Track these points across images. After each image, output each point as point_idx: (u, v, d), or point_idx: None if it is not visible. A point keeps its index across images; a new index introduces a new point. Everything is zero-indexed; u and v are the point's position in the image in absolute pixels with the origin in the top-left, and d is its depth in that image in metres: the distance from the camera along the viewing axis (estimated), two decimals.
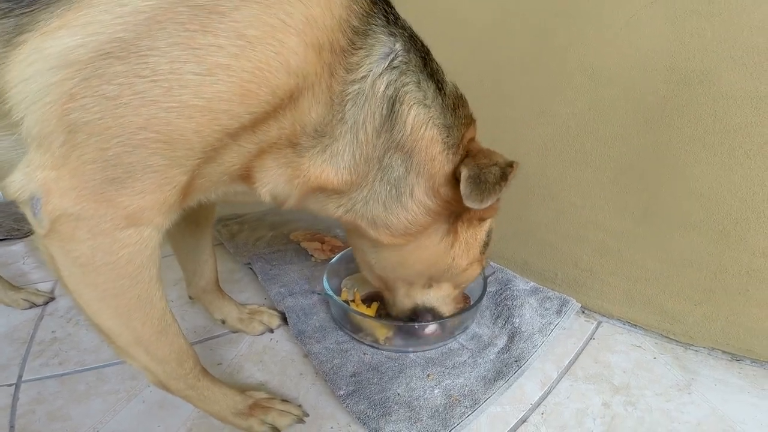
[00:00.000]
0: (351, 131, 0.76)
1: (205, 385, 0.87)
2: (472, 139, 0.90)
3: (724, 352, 1.12)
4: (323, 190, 0.82)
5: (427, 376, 1.03)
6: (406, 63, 0.76)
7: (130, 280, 0.68)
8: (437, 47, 0.85)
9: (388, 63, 0.75)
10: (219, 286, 1.20)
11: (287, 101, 0.67)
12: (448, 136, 0.83)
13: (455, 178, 0.84)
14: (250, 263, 1.47)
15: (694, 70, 0.99)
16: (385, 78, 0.75)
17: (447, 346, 1.13)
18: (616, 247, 1.21)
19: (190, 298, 1.23)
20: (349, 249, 1.38)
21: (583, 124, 1.18)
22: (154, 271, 0.70)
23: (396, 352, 1.11)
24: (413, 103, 0.78)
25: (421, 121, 0.80)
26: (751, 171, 0.98)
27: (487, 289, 1.22)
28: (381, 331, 1.10)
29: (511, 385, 1.02)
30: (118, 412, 0.96)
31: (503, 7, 1.24)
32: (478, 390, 1.00)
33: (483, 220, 0.98)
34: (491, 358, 1.09)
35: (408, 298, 1.08)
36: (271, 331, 1.21)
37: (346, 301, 1.21)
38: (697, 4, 0.95)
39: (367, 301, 1.23)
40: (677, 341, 1.17)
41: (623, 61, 1.07)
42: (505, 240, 1.47)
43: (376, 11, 0.73)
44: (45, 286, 1.36)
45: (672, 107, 1.03)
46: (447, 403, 0.97)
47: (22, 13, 0.58)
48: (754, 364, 1.09)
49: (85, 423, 0.93)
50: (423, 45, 0.81)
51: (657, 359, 1.11)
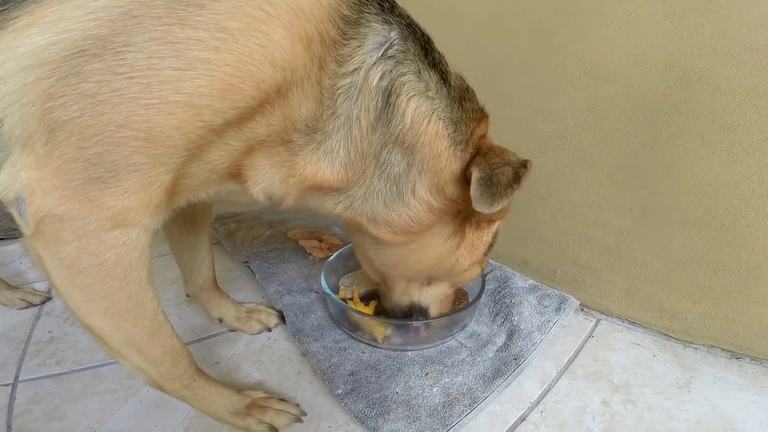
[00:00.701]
0: (344, 126, 0.73)
1: (200, 385, 0.86)
2: (484, 135, 0.86)
3: (723, 349, 1.12)
4: (320, 189, 0.80)
5: (426, 374, 1.03)
6: (403, 52, 0.73)
7: (119, 281, 0.67)
8: (436, 43, 0.82)
9: (382, 52, 0.71)
10: (216, 284, 1.20)
11: (274, 96, 0.65)
12: (455, 131, 0.79)
13: (465, 177, 0.81)
14: (247, 261, 1.46)
15: (693, 67, 0.98)
16: (379, 68, 0.72)
17: (446, 345, 1.13)
18: (615, 244, 1.20)
19: (188, 296, 1.23)
20: (346, 247, 1.38)
21: (581, 122, 1.17)
22: (143, 273, 0.69)
23: (394, 350, 1.10)
24: (413, 94, 0.74)
25: (422, 114, 0.76)
26: (750, 168, 0.97)
27: (486, 287, 1.22)
28: (379, 330, 1.09)
29: (510, 384, 1.02)
30: (115, 412, 0.96)
31: (501, 4, 1.24)
32: (477, 388, 0.99)
33: (492, 221, 0.96)
34: (490, 356, 1.09)
35: (405, 295, 1.07)
36: (269, 329, 1.20)
37: (344, 300, 1.20)
38: (696, 1, 0.95)
39: (365, 299, 1.23)
40: (676, 339, 1.16)
41: (622, 58, 1.07)
42: (503, 237, 1.46)
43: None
44: (42, 286, 1.35)
45: (671, 104, 1.03)
46: (446, 401, 0.96)
47: None
48: (753, 361, 1.08)
49: (82, 422, 0.93)
50: (423, 33, 0.78)
51: (656, 357, 1.11)
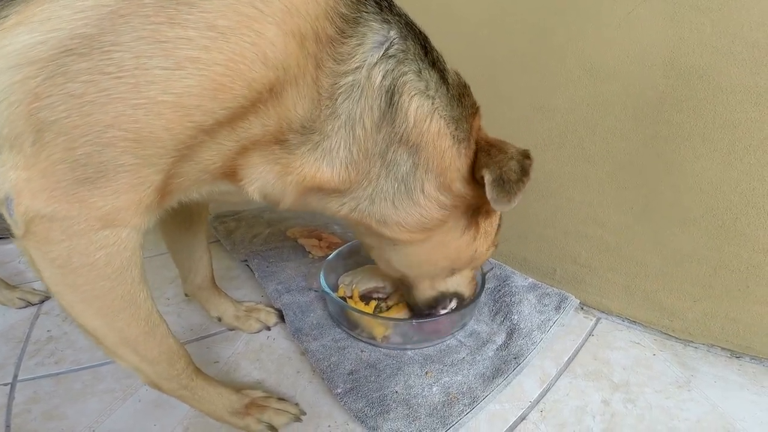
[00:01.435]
0: (346, 126, 0.72)
1: (199, 384, 0.86)
2: (479, 128, 0.87)
3: (723, 348, 1.11)
4: (321, 190, 0.79)
5: (426, 373, 1.03)
6: (403, 51, 0.72)
7: (110, 281, 0.66)
8: (434, 43, 0.82)
9: (383, 52, 0.71)
10: (215, 283, 1.19)
11: (267, 95, 0.64)
12: (456, 129, 0.80)
13: (471, 175, 0.83)
14: (246, 260, 1.46)
15: (694, 65, 0.98)
16: (381, 67, 0.71)
17: (445, 343, 1.13)
18: (616, 243, 1.20)
19: (186, 295, 1.22)
20: (346, 245, 1.38)
21: (581, 120, 1.17)
22: (136, 272, 0.69)
23: (394, 349, 1.10)
24: (414, 93, 0.74)
25: (424, 113, 0.76)
26: (751, 166, 0.97)
27: (486, 286, 1.21)
28: (379, 329, 1.09)
29: (510, 383, 1.02)
30: (114, 411, 0.95)
31: (500, 3, 1.23)
32: (476, 387, 0.99)
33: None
34: (490, 355, 1.09)
35: (432, 290, 1.08)
36: (268, 328, 1.20)
37: (343, 298, 1.20)
38: None
39: (365, 298, 1.23)
40: (677, 338, 1.16)
41: (622, 57, 1.07)
42: (503, 236, 1.46)
43: None
44: (40, 285, 1.35)
45: (671, 102, 1.03)
46: (445, 400, 0.96)
47: None
48: (753, 361, 1.08)
49: (81, 422, 0.93)
50: (421, 32, 0.77)
51: (656, 356, 1.11)
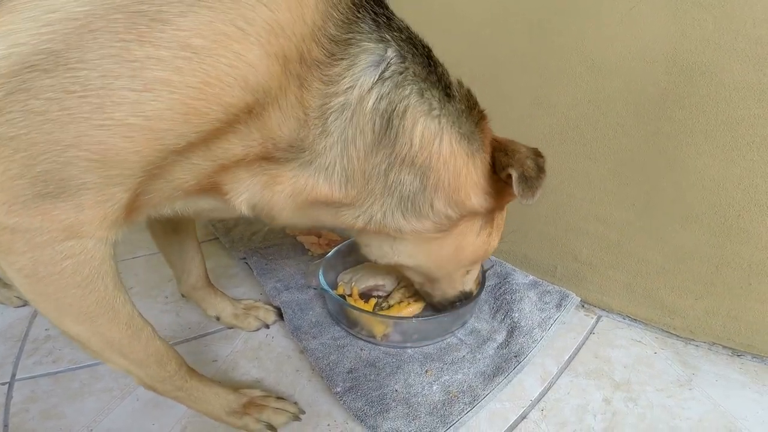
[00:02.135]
0: (338, 145, 0.70)
1: (193, 385, 0.85)
2: (489, 132, 0.85)
3: (725, 347, 1.11)
4: (327, 203, 0.77)
5: (426, 372, 1.02)
6: (401, 73, 0.70)
7: (82, 289, 0.65)
8: (434, 42, 0.80)
9: (378, 75, 0.68)
10: (210, 282, 1.19)
11: (245, 117, 0.61)
12: (469, 143, 0.78)
13: (490, 181, 0.82)
14: (245, 258, 1.46)
15: (696, 61, 0.97)
16: (375, 91, 0.68)
17: (445, 342, 1.12)
18: (617, 240, 1.19)
19: (183, 296, 1.22)
20: (345, 243, 1.37)
21: (583, 116, 1.16)
22: (108, 280, 0.67)
23: (393, 347, 1.09)
24: (419, 116, 0.72)
25: (431, 135, 0.73)
26: (753, 163, 0.96)
27: (486, 283, 1.21)
28: (378, 328, 1.08)
29: (510, 381, 1.01)
30: (112, 410, 0.95)
31: (502, 1, 1.22)
32: (477, 386, 0.99)
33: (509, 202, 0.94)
34: (490, 353, 1.08)
35: (453, 289, 1.07)
36: (267, 326, 1.20)
37: (343, 296, 1.20)
38: None
39: (364, 296, 1.22)
40: (678, 336, 1.16)
41: (624, 53, 1.06)
42: (503, 233, 1.45)
43: (361, 16, 0.67)
44: None
45: (673, 99, 1.02)
46: (446, 399, 0.95)
47: None
48: (755, 359, 1.08)
49: (79, 421, 0.92)
50: (423, 46, 0.75)
51: (657, 354, 1.10)
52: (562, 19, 1.13)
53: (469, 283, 1.10)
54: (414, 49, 0.72)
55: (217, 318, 1.19)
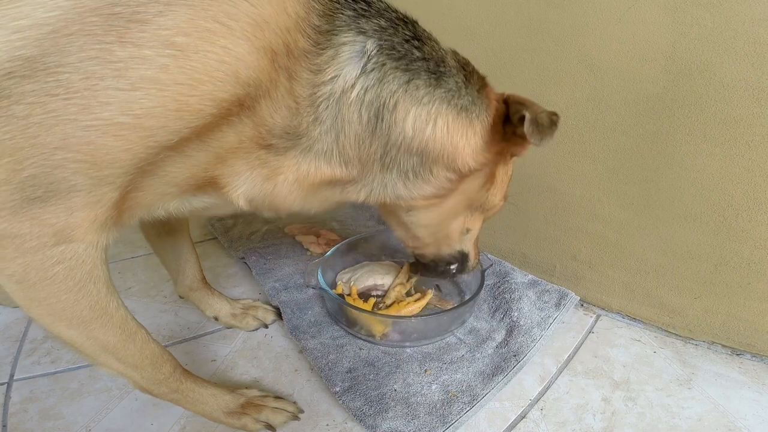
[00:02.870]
0: (331, 133, 0.71)
1: (189, 387, 0.85)
2: (493, 92, 0.85)
3: (724, 346, 1.11)
4: (332, 182, 0.77)
5: (425, 371, 1.02)
6: (383, 65, 0.70)
7: (74, 294, 0.64)
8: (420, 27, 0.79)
9: (361, 68, 0.69)
10: (206, 282, 1.19)
11: (237, 109, 0.62)
12: (468, 114, 0.78)
13: (489, 140, 0.82)
14: (244, 257, 1.45)
15: (695, 60, 0.97)
16: (359, 84, 0.69)
17: (444, 341, 1.12)
18: (616, 239, 1.19)
19: (180, 297, 1.22)
20: (344, 242, 1.37)
21: (581, 115, 1.16)
22: (101, 285, 0.67)
23: (392, 347, 1.09)
24: (410, 107, 0.73)
25: (424, 122, 0.74)
26: (752, 162, 0.96)
27: (485, 282, 1.21)
28: (378, 327, 1.08)
29: (509, 381, 1.01)
30: (111, 410, 0.95)
31: None
32: (476, 385, 0.98)
33: (515, 156, 0.94)
34: (489, 352, 1.08)
35: (450, 248, 1.05)
36: (266, 326, 1.20)
37: (342, 296, 1.20)
38: None
39: (363, 296, 1.22)
40: (677, 335, 1.16)
41: (623, 51, 1.06)
42: (503, 232, 1.46)
43: (340, 6, 0.67)
44: None
45: (672, 98, 1.02)
46: (445, 399, 0.95)
47: None
48: (754, 358, 1.08)
49: (77, 421, 0.92)
50: (407, 25, 0.75)
51: (657, 353, 1.10)
52: (561, 18, 1.13)
53: (467, 243, 1.07)
54: (396, 33, 0.72)
55: (216, 318, 1.19)
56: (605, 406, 0.96)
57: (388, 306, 1.18)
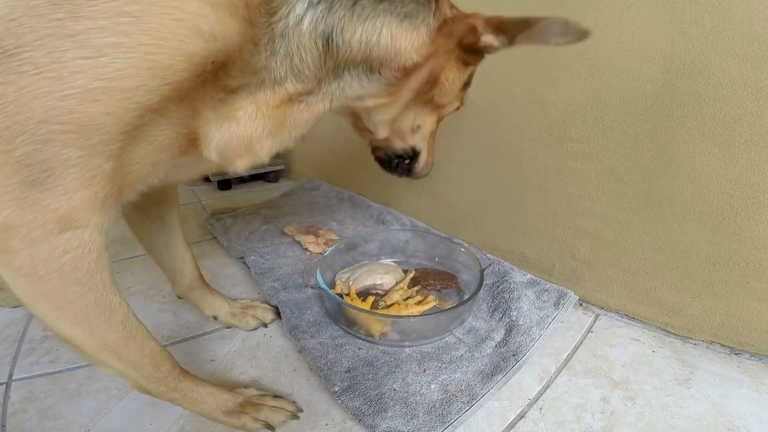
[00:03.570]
0: (285, 61, 0.73)
1: (187, 386, 0.85)
2: (451, 6, 0.90)
3: (723, 345, 1.11)
4: (292, 99, 0.79)
5: (424, 371, 1.02)
6: None
7: (81, 286, 0.65)
8: None
9: (308, 2, 0.72)
10: (205, 282, 1.19)
11: (210, 67, 0.63)
12: (411, 20, 0.81)
13: (432, 40, 0.85)
14: (243, 257, 1.45)
15: (693, 59, 0.97)
16: (308, 16, 0.72)
17: (443, 340, 1.12)
18: (615, 238, 1.19)
19: (179, 297, 1.22)
20: (343, 242, 1.37)
21: (580, 114, 1.16)
22: (105, 275, 0.67)
23: (391, 346, 1.09)
24: (357, 26, 0.76)
25: (369, 35, 0.78)
26: (751, 161, 0.96)
27: (484, 282, 1.21)
28: (376, 327, 1.08)
29: (509, 380, 1.01)
30: (110, 410, 0.95)
31: None
32: (475, 385, 0.98)
33: (469, 65, 0.98)
34: (488, 352, 1.08)
35: (403, 143, 1.09)
36: (265, 325, 1.20)
37: (341, 295, 1.20)
38: None
39: (362, 295, 1.22)
40: (676, 334, 1.16)
41: (621, 51, 1.06)
42: (501, 231, 1.46)
43: None
44: None
45: (671, 97, 1.02)
46: (444, 398, 0.95)
47: None
48: (753, 358, 1.08)
49: (77, 421, 0.92)
50: None
51: (656, 353, 1.10)
52: (560, 15, 1.13)
53: (418, 140, 1.11)
54: None
55: (215, 318, 1.19)
56: (604, 405, 0.96)
57: (389, 306, 1.18)
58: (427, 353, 1.08)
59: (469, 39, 0.89)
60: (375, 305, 1.18)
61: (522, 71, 1.25)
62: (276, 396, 0.96)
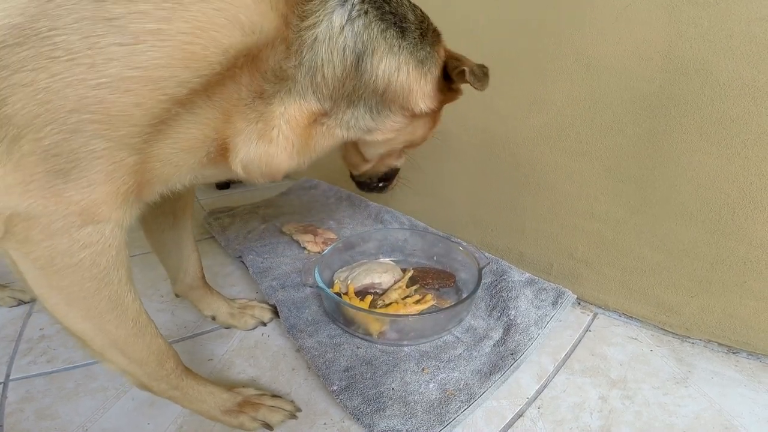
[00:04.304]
0: (309, 74, 0.74)
1: (189, 384, 0.85)
2: (444, 47, 0.93)
3: (720, 344, 1.11)
4: (315, 120, 0.81)
5: (422, 370, 1.02)
6: (366, 13, 0.76)
7: (97, 282, 0.64)
8: None
9: (347, 15, 0.74)
10: (205, 281, 1.19)
11: (243, 60, 0.63)
12: (423, 65, 0.85)
13: (440, 85, 0.91)
14: (241, 256, 1.45)
15: (691, 59, 0.97)
16: (347, 30, 0.74)
17: (442, 339, 1.12)
18: (613, 237, 1.20)
19: (177, 296, 1.21)
20: (341, 241, 1.37)
21: (578, 114, 1.16)
22: (123, 272, 0.67)
23: (390, 345, 1.09)
24: (384, 54, 0.79)
25: (392, 69, 0.81)
26: (748, 161, 0.96)
27: (482, 281, 1.21)
28: (375, 326, 1.08)
29: (507, 379, 1.01)
30: (108, 410, 0.94)
31: None
32: (473, 384, 0.98)
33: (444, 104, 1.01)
34: (487, 351, 1.08)
35: (387, 166, 1.14)
36: (264, 324, 1.19)
37: (339, 294, 1.19)
38: None
39: (360, 294, 1.22)
40: (673, 333, 1.16)
41: (619, 50, 1.06)
42: (499, 231, 1.46)
43: None
44: None
45: (669, 96, 1.02)
46: (442, 397, 0.95)
47: None
48: (750, 357, 1.08)
49: (74, 421, 0.92)
50: None
51: (653, 352, 1.11)
52: (558, 17, 1.13)
53: (400, 161, 1.16)
54: None
55: (213, 318, 1.19)
56: (602, 404, 0.97)
57: (387, 305, 1.18)
58: (426, 352, 1.08)
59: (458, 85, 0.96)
60: (373, 304, 1.18)
61: (520, 71, 1.24)
62: (274, 396, 0.96)
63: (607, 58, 1.08)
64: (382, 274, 1.27)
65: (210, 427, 0.90)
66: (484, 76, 0.90)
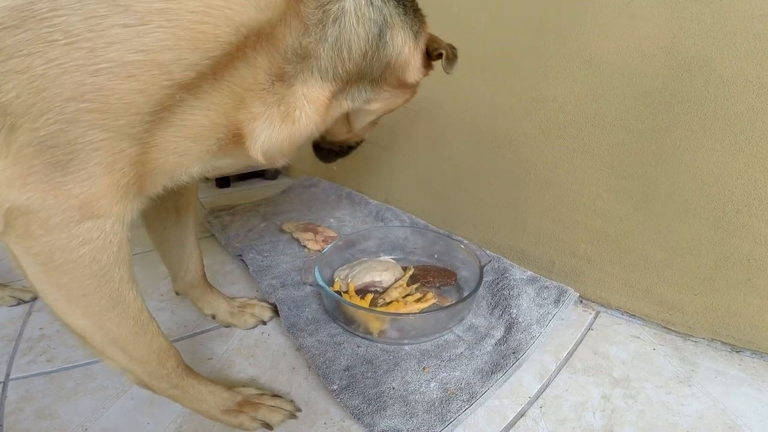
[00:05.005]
0: (333, 49, 0.72)
1: (189, 383, 0.85)
2: (426, 27, 0.93)
3: (723, 343, 1.10)
4: (333, 98, 0.79)
5: (423, 369, 1.01)
6: None
7: (97, 279, 0.63)
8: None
9: None
10: (206, 279, 1.18)
11: (255, 39, 0.60)
12: (416, 40, 0.86)
13: (425, 59, 0.92)
14: (241, 255, 1.45)
15: (695, 55, 0.97)
16: (374, 3, 0.74)
17: (443, 338, 1.11)
18: (615, 234, 1.19)
19: (177, 294, 1.21)
20: (342, 239, 1.37)
21: (580, 110, 1.15)
22: (124, 269, 0.66)
23: (390, 344, 1.09)
24: (398, 27, 0.80)
25: (402, 41, 0.82)
26: (752, 158, 0.96)
27: (484, 279, 1.20)
28: (375, 325, 1.08)
29: (508, 378, 1.00)
30: (107, 410, 0.94)
31: None
32: (475, 383, 0.98)
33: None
34: (488, 350, 1.07)
35: (359, 137, 1.14)
36: (264, 323, 1.19)
37: (339, 292, 1.19)
38: None
39: (361, 293, 1.22)
40: (677, 332, 1.15)
41: (622, 46, 1.05)
42: (501, 228, 1.45)
43: None
44: None
45: (672, 93, 1.01)
46: (443, 397, 0.95)
47: None
48: (754, 355, 1.07)
49: (73, 421, 0.91)
50: None
51: (656, 350, 1.10)
52: (560, 13, 1.12)
53: (370, 131, 1.16)
54: None
55: (213, 316, 1.18)
56: (605, 403, 0.96)
57: (388, 304, 1.17)
58: (427, 351, 1.07)
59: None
60: (374, 303, 1.18)
61: (522, 68, 1.24)
62: (274, 395, 0.95)
63: (610, 54, 1.07)
64: (382, 273, 1.27)
65: (209, 426, 0.90)
66: (455, 59, 0.95)
